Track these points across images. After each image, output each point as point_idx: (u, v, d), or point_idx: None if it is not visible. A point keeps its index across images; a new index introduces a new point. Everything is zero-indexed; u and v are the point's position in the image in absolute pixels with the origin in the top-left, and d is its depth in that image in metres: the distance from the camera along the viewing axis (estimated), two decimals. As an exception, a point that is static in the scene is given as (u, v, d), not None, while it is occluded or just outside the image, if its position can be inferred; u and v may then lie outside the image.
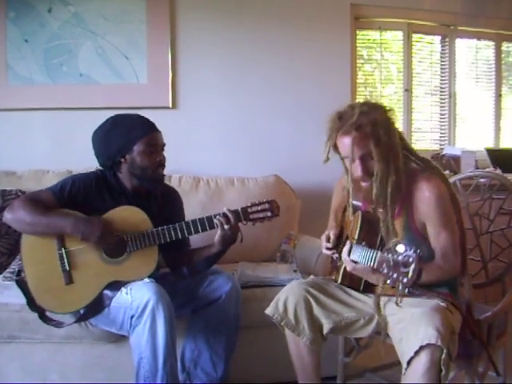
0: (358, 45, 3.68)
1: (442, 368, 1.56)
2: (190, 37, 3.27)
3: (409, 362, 1.60)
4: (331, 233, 2.05)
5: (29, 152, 3.14)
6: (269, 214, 2.12)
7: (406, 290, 1.55)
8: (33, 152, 3.14)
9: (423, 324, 1.61)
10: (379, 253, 1.63)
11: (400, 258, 1.52)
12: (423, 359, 1.57)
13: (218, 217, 2.09)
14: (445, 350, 1.55)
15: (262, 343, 2.40)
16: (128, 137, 2.12)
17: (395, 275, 1.53)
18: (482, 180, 2.35)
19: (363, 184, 1.87)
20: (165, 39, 3.21)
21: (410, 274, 1.49)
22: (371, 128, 1.77)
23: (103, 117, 2.98)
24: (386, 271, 1.56)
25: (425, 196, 1.81)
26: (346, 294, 1.97)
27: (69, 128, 3.19)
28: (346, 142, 1.82)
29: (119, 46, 3.16)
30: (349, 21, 3.50)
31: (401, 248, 1.53)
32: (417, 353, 1.58)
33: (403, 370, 1.62)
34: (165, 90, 3.22)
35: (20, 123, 3.15)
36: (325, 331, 1.89)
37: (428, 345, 1.56)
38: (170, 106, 3.24)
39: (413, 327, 1.65)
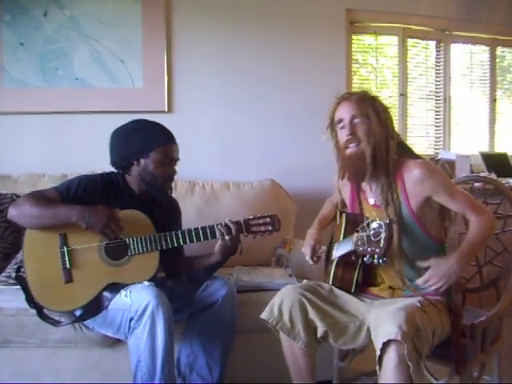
0: (353, 49, 3.69)
1: (409, 364, 1.56)
2: (186, 40, 3.27)
3: (380, 362, 1.61)
4: (323, 247, 2.07)
5: (24, 156, 3.13)
6: (270, 227, 2.17)
7: (381, 261, 1.56)
8: (28, 156, 3.13)
9: (387, 322, 1.63)
10: (355, 234, 1.65)
11: (372, 232, 1.54)
12: (391, 355, 1.58)
13: (219, 226, 2.12)
14: (405, 345, 1.55)
15: (258, 347, 2.40)
16: (148, 141, 2.15)
17: (369, 249, 1.55)
18: (476, 184, 2.36)
19: (348, 151, 1.85)
20: (160, 43, 3.21)
21: (382, 243, 1.50)
22: (372, 102, 1.86)
23: (98, 121, 2.97)
24: (362, 249, 1.58)
25: (415, 173, 1.81)
26: (338, 297, 1.97)
27: (64, 132, 3.18)
28: (345, 105, 1.87)
29: (114, 50, 3.16)
30: (344, 25, 3.51)
31: (374, 224, 1.55)
32: (384, 351, 1.59)
33: (377, 370, 1.64)
34: (160, 93, 3.22)
35: (15, 127, 3.14)
36: (319, 334, 1.89)
37: (392, 341, 1.57)
38: (166, 109, 3.24)
39: (380, 327, 1.66)
